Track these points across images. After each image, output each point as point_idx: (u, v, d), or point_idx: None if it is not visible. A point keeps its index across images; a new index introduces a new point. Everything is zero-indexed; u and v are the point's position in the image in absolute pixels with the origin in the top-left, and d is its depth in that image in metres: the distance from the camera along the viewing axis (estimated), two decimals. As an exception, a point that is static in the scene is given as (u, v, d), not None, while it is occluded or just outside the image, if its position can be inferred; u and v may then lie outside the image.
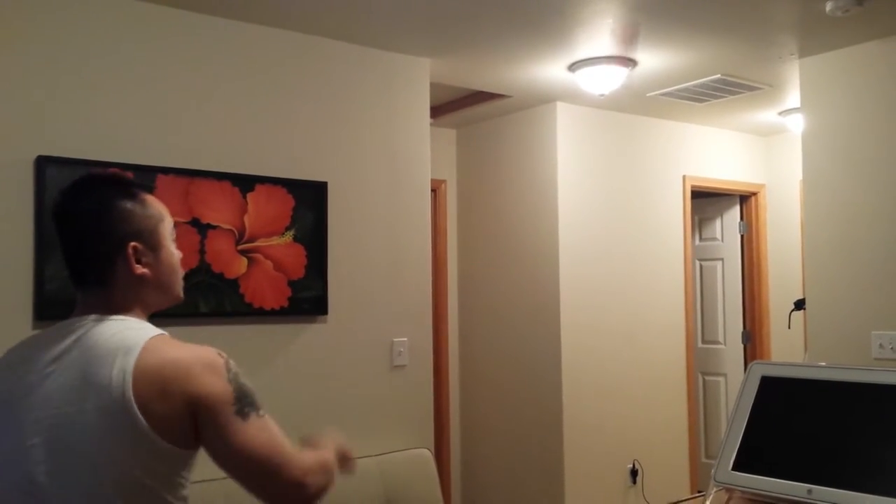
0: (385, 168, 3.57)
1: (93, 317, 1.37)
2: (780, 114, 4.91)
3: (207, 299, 2.97)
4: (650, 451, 4.83)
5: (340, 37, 3.42)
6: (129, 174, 2.89)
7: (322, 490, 1.38)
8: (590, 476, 4.55)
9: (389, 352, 3.52)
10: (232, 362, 1.36)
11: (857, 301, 3.58)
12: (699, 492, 5.07)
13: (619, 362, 4.75)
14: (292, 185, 3.26)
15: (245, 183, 3.15)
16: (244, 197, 3.14)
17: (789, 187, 5.44)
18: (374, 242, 3.52)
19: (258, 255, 3.15)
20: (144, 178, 2.87)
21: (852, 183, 3.63)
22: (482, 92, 4.42)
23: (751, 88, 4.28)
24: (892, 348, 3.44)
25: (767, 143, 5.63)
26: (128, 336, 1.32)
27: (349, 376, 3.39)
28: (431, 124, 3.86)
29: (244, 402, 1.32)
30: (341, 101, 3.46)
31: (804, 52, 3.74)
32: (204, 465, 1.39)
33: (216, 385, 1.30)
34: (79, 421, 1.26)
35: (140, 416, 1.25)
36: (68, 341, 1.34)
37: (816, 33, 3.48)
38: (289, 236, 3.25)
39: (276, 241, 3.21)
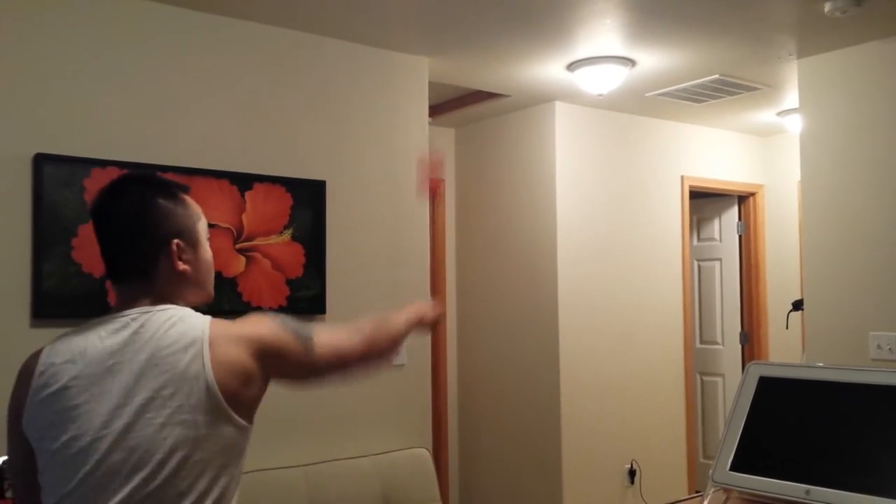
0: (384, 167, 3.57)
1: (144, 308, 1.40)
2: (778, 114, 4.91)
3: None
4: (648, 451, 4.83)
5: (339, 35, 3.42)
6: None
7: (385, 349, 1.60)
8: (588, 476, 4.55)
9: (387, 351, 3.51)
10: (274, 314, 1.48)
11: (855, 302, 3.58)
12: (697, 492, 5.06)
13: (617, 362, 4.75)
14: (290, 184, 3.26)
15: (243, 181, 3.14)
16: (242, 195, 3.13)
17: (787, 188, 5.44)
18: (373, 241, 3.52)
19: (256, 254, 3.14)
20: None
21: (850, 183, 3.63)
22: (481, 91, 4.42)
23: (749, 89, 4.29)
24: (889, 349, 3.44)
25: (766, 144, 5.64)
26: (189, 323, 1.38)
27: (347, 375, 3.38)
28: (430, 123, 3.86)
29: (303, 339, 1.45)
30: (340, 99, 3.45)
31: (802, 53, 3.74)
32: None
33: (282, 340, 1.43)
34: (153, 407, 1.31)
35: (221, 397, 1.34)
36: (125, 334, 1.37)
37: (815, 34, 3.48)
38: (287, 235, 3.24)
39: (274, 239, 3.21)
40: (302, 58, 3.36)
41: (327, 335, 1.51)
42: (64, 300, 2.73)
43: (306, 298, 3.26)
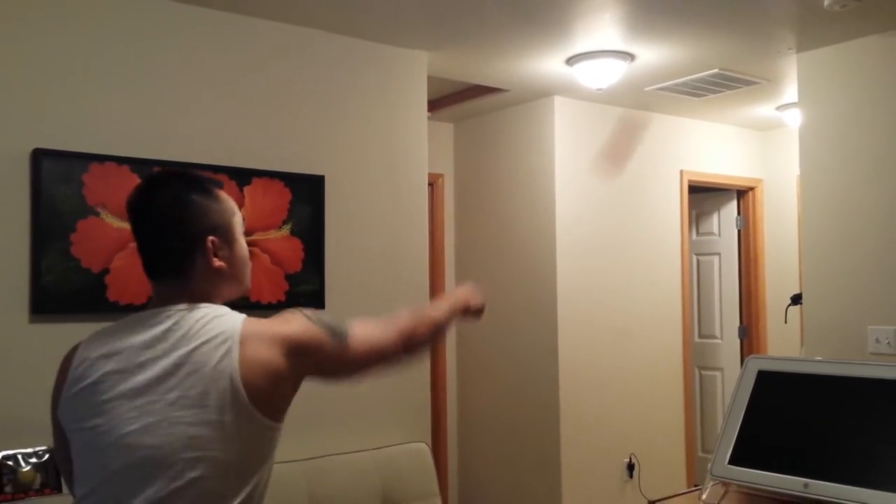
0: (382, 162, 3.57)
1: (180, 306, 1.41)
2: (777, 108, 4.91)
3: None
4: (647, 445, 4.84)
5: (337, 30, 3.41)
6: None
7: (423, 339, 1.59)
8: (586, 470, 4.56)
9: (386, 346, 3.52)
10: (306, 310, 1.47)
11: (853, 296, 3.58)
12: (696, 486, 5.07)
13: (616, 357, 4.75)
14: (289, 179, 3.25)
15: (242, 176, 3.14)
16: (241, 190, 3.13)
17: (786, 182, 5.44)
18: (372, 236, 3.52)
19: (255, 249, 3.14)
20: (141, 171, 2.86)
21: (849, 178, 3.63)
22: (480, 86, 4.41)
23: (748, 83, 4.28)
24: (888, 343, 3.45)
25: (765, 138, 5.63)
26: (222, 322, 1.38)
27: (346, 370, 3.38)
28: (429, 118, 3.85)
29: (338, 334, 1.45)
30: (338, 94, 3.45)
31: (802, 47, 3.74)
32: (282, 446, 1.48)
33: (315, 338, 1.42)
34: (182, 405, 1.32)
35: (247, 397, 1.33)
36: (160, 329, 1.38)
37: (814, 28, 3.47)
38: (286, 230, 3.24)
39: (273, 234, 3.21)
40: (300, 53, 3.35)
41: (362, 329, 1.50)
42: (63, 296, 2.73)
43: (305, 293, 3.26)
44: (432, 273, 4.36)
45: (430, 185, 4.93)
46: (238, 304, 1.48)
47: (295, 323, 1.43)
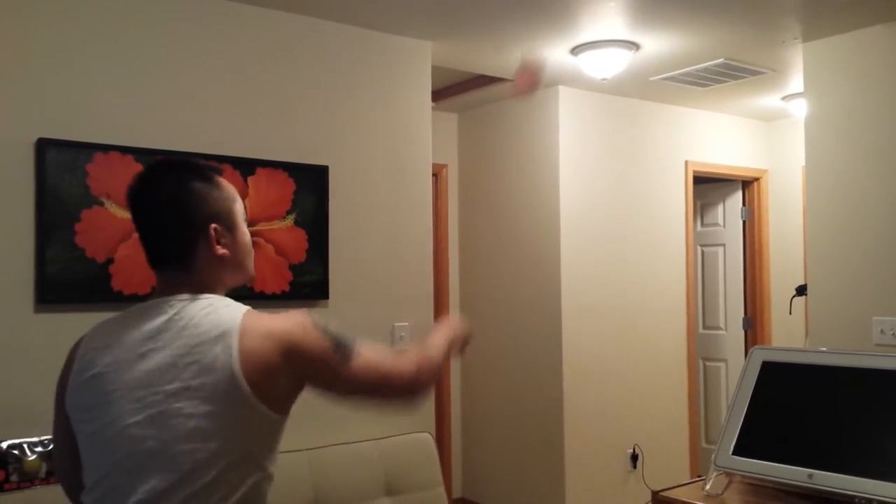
0: (386, 152, 3.56)
1: (182, 296, 1.40)
2: (783, 99, 4.89)
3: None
4: (650, 436, 4.84)
5: (342, 19, 3.40)
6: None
7: (430, 380, 1.50)
8: (590, 460, 4.56)
9: (391, 336, 3.52)
10: (315, 316, 1.43)
11: (858, 287, 3.58)
12: (699, 476, 5.08)
13: (620, 347, 4.75)
14: (293, 169, 3.25)
15: (246, 166, 3.14)
16: (245, 181, 3.13)
17: (792, 173, 5.42)
18: (376, 227, 3.52)
19: (259, 239, 3.14)
20: (145, 161, 2.86)
21: (855, 168, 3.61)
22: (484, 75, 4.40)
23: (754, 73, 4.26)
24: (893, 334, 3.44)
25: (770, 129, 5.61)
26: (223, 314, 1.37)
27: (350, 360, 3.39)
28: (433, 108, 3.84)
29: (342, 348, 1.41)
30: (342, 84, 3.44)
31: (808, 37, 3.72)
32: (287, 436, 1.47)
33: (315, 343, 1.39)
34: (182, 396, 1.31)
35: (248, 389, 1.32)
36: (161, 320, 1.38)
37: (820, 17, 3.45)
38: (290, 220, 3.24)
39: (277, 225, 3.21)
40: (304, 42, 3.34)
41: (371, 351, 1.45)
42: (68, 285, 2.73)
43: (309, 284, 3.27)
44: (436, 263, 4.36)
45: (434, 175, 4.93)
46: (242, 295, 1.47)
47: (295, 321, 1.40)
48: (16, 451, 2.57)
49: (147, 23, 2.97)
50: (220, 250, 1.45)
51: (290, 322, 1.39)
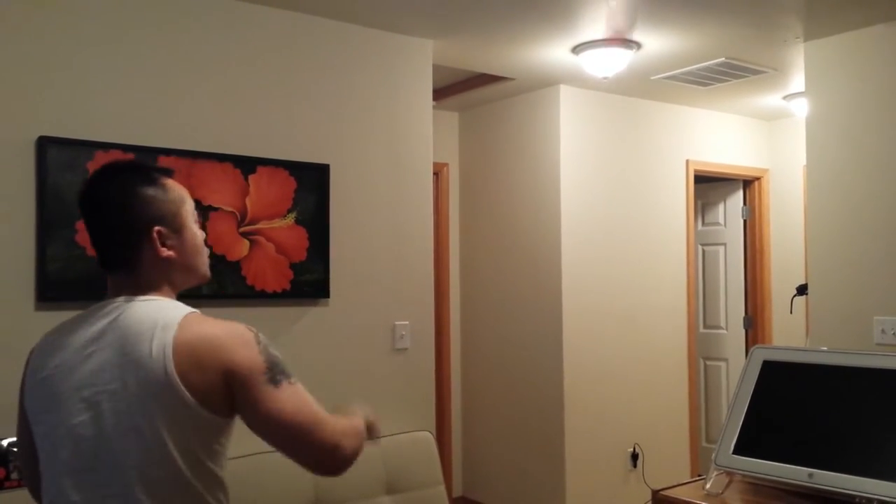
0: (387, 151, 3.56)
1: (125, 298, 1.42)
2: (784, 98, 4.88)
3: (209, 282, 2.96)
4: (651, 435, 4.84)
5: (343, 17, 3.40)
6: (131, 155, 2.89)
7: (355, 453, 1.44)
8: (590, 459, 4.57)
9: (391, 335, 3.52)
10: (261, 335, 1.42)
11: (859, 286, 3.57)
12: (700, 475, 5.08)
13: (621, 347, 4.75)
14: (294, 168, 3.25)
15: (247, 165, 3.13)
16: (246, 179, 3.13)
17: (793, 172, 5.42)
18: (376, 225, 3.52)
19: (260, 238, 3.14)
20: (146, 159, 2.86)
21: (856, 168, 3.61)
22: (485, 74, 4.40)
23: (755, 72, 4.26)
24: (893, 334, 3.44)
25: (771, 128, 5.61)
26: (163, 314, 1.38)
27: (351, 359, 3.39)
28: (434, 107, 3.84)
29: (276, 371, 1.38)
30: (343, 82, 3.44)
31: (809, 36, 3.71)
32: (248, 439, 1.44)
33: (249, 357, 1.37)
34: (123, 396, 1.34)
35: (182, 388, 1.32)
36: (104, 322, 1.40)
37: (822, 16, 3.45)
38: (291, 219, 3.24)
39: (277, 223, 3.21)
40: (305, 40, 3.34)
41: (304, 393, 1.40)
42: (68, 284, 2.73)
43: (310, 282, 3.26)
44: (436, 262, 4.36)
45: (435, 174, 4.93)
46: (243, 294, 1.48)
47: (237, 333, 1.38)
48: (16, 450, 2.57)
49: (148, 21, 2.97)
50: (166, 252, 1.45)
51: (230, 330, 1.39)
